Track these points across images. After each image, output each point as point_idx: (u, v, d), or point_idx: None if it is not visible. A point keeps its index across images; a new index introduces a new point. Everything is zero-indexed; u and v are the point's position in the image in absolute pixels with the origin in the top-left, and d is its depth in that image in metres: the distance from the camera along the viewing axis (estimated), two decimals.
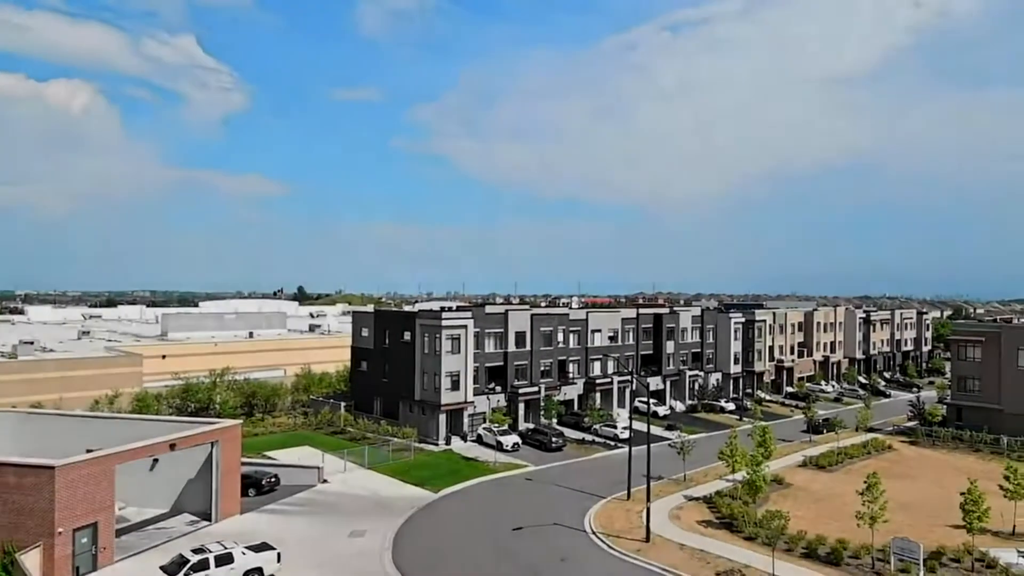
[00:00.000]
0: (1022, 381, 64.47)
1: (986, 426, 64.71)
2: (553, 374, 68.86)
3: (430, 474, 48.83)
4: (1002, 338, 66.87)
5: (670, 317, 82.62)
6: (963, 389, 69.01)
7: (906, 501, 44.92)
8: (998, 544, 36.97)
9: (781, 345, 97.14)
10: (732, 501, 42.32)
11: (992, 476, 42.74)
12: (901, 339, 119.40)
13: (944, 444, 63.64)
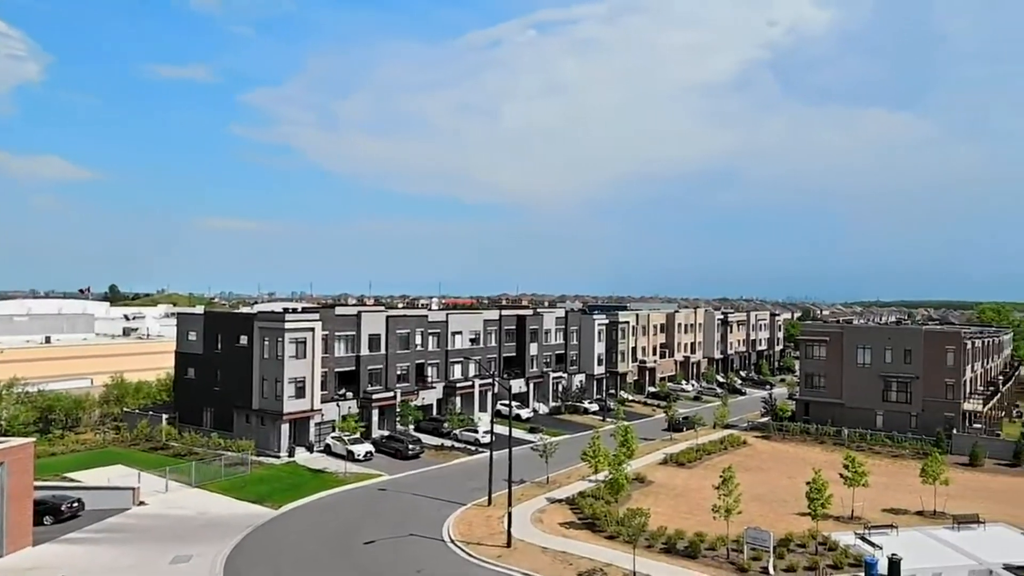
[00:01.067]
0: (861, 377, 73.41)
1: (830, 419, 72.75)
2: (410, 378, 68.80)
3: (270, 489, 46.78)
4: (843, 338, 75.80)
5: (534, 319, 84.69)
6: (810, 386, 77.20)
7: (759, 493, 48.92)
8: (839, 528, 40.97)
9: (644, 346, 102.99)
10: (595, 501, 44.05)
11: (835, 466, 47.50)
12: (756, 339, 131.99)
13: (793, 438, 70.66)
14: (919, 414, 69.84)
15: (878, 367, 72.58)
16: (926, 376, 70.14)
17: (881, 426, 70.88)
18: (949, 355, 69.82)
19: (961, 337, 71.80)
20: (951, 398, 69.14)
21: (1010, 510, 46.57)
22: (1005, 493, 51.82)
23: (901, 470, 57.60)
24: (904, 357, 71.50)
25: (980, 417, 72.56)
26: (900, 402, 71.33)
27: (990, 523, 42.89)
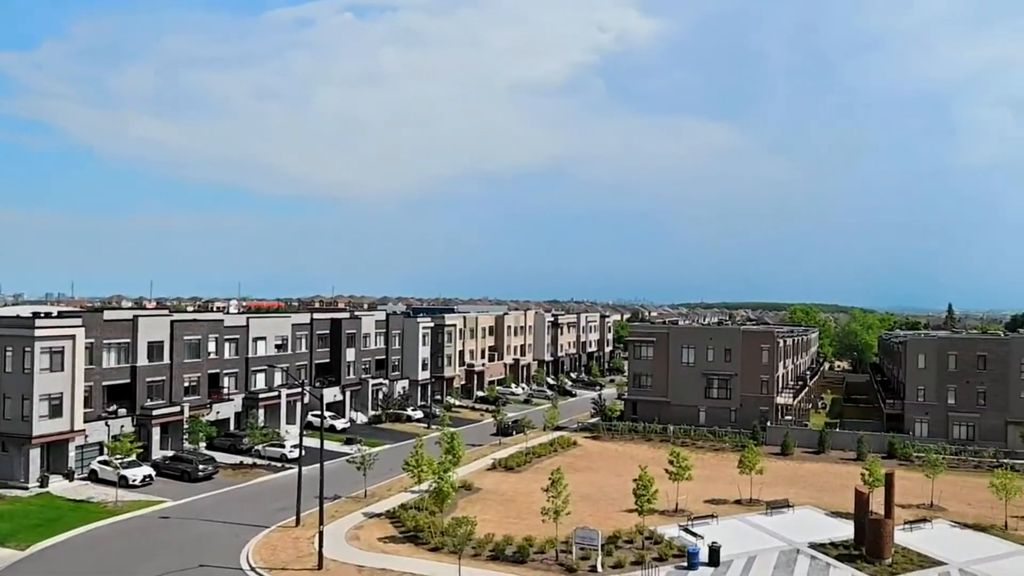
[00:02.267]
0: (685, 376, 79.89)
1: (657, 417, 78.30)
2: (202, 390, 64.46)
3: (13, 527, 41.79)
4: (669, 338, 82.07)
5: (351, 322, 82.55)
6: (638, 385, 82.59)
7: (588, 492, 51.08)
8: (664, 522, 43.93)
9: (472, 349, 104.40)
10: (417, 513, 43.82)
11: (661, 462, 50.19)
12: (586, 341, 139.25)
13: (622, 436, 75.07)
14: (738, 409, 77.51)
15: (701, 366, 79.52)
16: (744, 373, 78.09)
17: (704, 421, 77.65)
18: (764, 353, 78.39)
19: (775, 336, 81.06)
20: (766, 393, 77.64)
21: (815, 493, 52.99)
22: (811, 478, 59.04)
23: (722, 462, 63.24)
24: (725, 356, 79.03)
25: (791, 410, 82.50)
26: (721, 398, 78.65)
27: (799, 506, 48.44)
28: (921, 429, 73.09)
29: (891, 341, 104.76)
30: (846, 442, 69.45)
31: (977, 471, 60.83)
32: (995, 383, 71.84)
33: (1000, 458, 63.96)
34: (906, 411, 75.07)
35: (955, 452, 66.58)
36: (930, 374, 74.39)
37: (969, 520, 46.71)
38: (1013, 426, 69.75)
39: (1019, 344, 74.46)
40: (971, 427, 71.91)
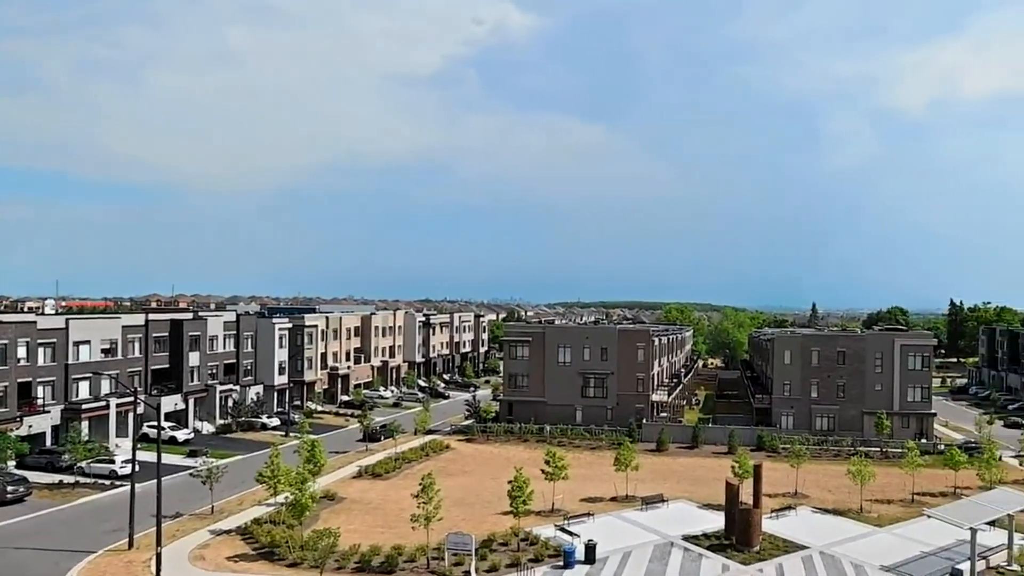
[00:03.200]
0: (561, 375, 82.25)
1: (533, 417, 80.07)
2: (9, 402, 59.98)
3: None
4: (545, 337, 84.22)
5: (194, 324, 78.55)
6: (514, 386, 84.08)
7: (462, 497, 51.58)
8: (541, 522, 45.10)
9: (336, 351, 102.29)
10: (274, 527, 42.47)
11: (537, 462, 51.73)
12: (460, 341, 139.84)
13: (498, 438, 76.08)
14: (614, 407, 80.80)
15: (578, 365, 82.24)
16: (620, 371, 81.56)
17: (581, 421, 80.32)
18: (640, 352, 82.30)
19: (650, 335, 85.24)
20: (642, 391, 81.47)
21: (689, 487, 56.25)
22: (685, 472, 62.56)
23: (598, 460, 65.52)
24: (601, 355, 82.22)
25: (666, 406, 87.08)
26: (598, 397, 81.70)
27: (673, 500, 51.23)
28: (787, 422, 79.56)
29: (760, 339, 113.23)
30: (718, 436, 74.29)
31: (837, 459, 66.83)
32: (853, 377, 79.60)
33: (857, 446, 70.67)
34: (773, 405, 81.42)
35: (818, 442, 73.07)
36: (795, 370, 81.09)
37: (829, 506, 51.44)
38: (868, 416, 77.52)
39: (874, 340, 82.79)
40: (832, 418, 79.28)
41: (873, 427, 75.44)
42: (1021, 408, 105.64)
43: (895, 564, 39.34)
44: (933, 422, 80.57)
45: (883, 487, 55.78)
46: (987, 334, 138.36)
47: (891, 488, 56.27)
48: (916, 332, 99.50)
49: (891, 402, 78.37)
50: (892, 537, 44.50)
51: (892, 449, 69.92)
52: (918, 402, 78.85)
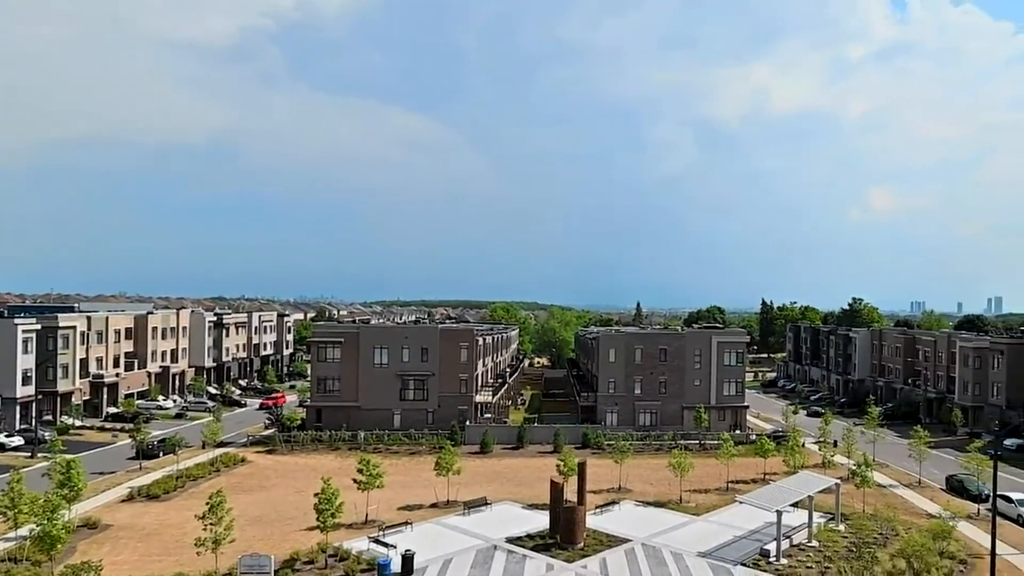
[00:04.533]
0: (377, 378, 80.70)
1: (345, 424, 77.82)
2: None
3: None
4: (360, 338, 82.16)
5: None
6: (323, 390, 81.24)
7: (260, 514, 49.23)
8: (353, 535, 43.98)
9: (101, 356, 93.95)
10: (15, 566, 38.63)
11: (350, 471, 50.55)
12: (260, 343, 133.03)
13: (304, 448, 73.03)
14: (436, 410, 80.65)
15: (396, 366, 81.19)
16: (442, 372, 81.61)
17: (399, 425, 79.31)
18: (463, 351, 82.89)
19: (474, 334, 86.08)
20: (465, 392, 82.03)
21: (514, 488, 57.36)
22: (510, 473, 63.75)
23: (418, 466, 65.11)
24: (422, 355, 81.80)
25: (491, 407, 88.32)
26: (418, 399, 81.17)
27: (497, 503, 52.02)
28: (612, 419, 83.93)
29: (586, 337, 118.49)
30: (544, 436, 76.65)
31: (659, 453, 71.45)
32: (674, 373, 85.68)
33: (677, 440, 76.31)
34: (599, 403, 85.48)
35: (641, 438, 77.71)
36: (619, 367, 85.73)
37: (651, 498, 54.92)
38: (688, 410, 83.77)
39: (693, 338, 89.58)
40: (654, 414, 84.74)
41: (693, 421, 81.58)
42: (821, 399, 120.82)
43: (710, 550, 42.91)
44: (746, 414, 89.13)
45: (701, 477, 60.49)
46: (793, 331, 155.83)
47: (708, 478, 61.23)
48: (731, 330, 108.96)
49: (709, 396, 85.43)
50: (708, 524, 48.42)
51: (709, 441, 76.05)
52: (733, 396, 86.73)
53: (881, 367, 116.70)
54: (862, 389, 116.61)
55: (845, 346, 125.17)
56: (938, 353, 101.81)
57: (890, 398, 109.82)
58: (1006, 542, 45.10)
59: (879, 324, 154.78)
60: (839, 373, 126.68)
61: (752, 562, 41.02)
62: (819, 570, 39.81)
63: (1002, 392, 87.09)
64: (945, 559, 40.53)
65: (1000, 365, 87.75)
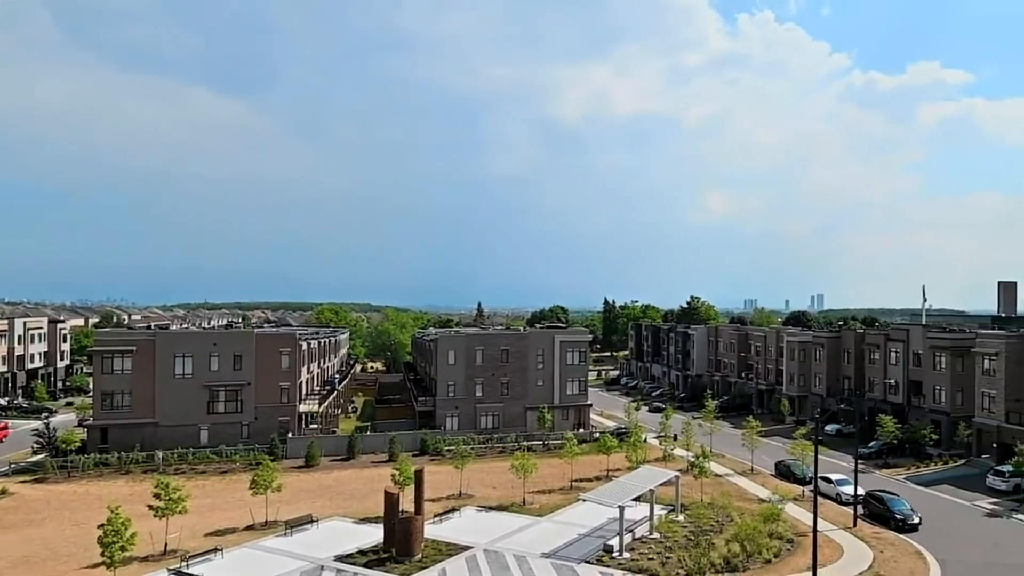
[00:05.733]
0: (179, 391, 74.92)
1: (139, 444, 71.63)
2: None
3: None
4: (156, 345, 75.93)
5: None
6: (110, 406, 74.25)
7: (28, 554, 44.46)
8: (149, 569, 40.77)
9: None
10: None
11: (145, 497, 46.97)
12: (26, 354, 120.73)
13: (86, 473, 66.48)
14: (252, 422, 76.34)
15: (203, 376, 75.96)
16: (259, 382, 77.40)
17: (207, 442, 74.29)
18: (284, 358, 79.20)
19: (296, 339, 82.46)
20: (286, 401, 78.34)
21: (344, 502, 55.52)
22: (340, 487, 61.58)
23: (231, 486, 61.36)
24: (234, 363, 77.15)
25: (317, 417, 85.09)
26: (230, 412, 76.37)
27: (324, 519, 50.08)
28: (452, 423, 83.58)
29: (423, 339, 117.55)
30: (378, 444, 74.98)
31: (502, 456, 72.08)
32: (516, 374, 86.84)
33: (521, 441, 77.55)
34: (437, 407, 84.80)
35: (483, 441, 78.21)
36: (459, 370, 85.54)
37: (494, 503, 55.16)
38: (532, 411, 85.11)
39: (536, 338, 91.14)
40: (497, 416, 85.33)
41: (536, 421, 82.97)
42: (663, 394, 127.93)
43: (554, 550, 43.73)
44: (590, 412, 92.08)
45: (545, 478, 61.67)
46: (635, 329, 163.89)
47: (552, 478, 62.55)
48: (574, 329, 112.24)
49: (552, 396, 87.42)
50: (552, 524, 49.38)
51: (553, 441, 77.86)
52: (576, 395, 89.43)
53: (718, 362, 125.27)
54: (700, 384, 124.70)
55: (684, 343, 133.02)
56: (768, 348, 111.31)
57: (726, 391, 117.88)
58: (826, 519, 49.99)
59: (716, 321, 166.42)
60: (679, 369, 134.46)
61: (596, 559, 42.27)
62: (660, 560, 41.97)
63: (823, 382, 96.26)
64: (774, 539, 44.91)
65: (821, 357, 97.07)
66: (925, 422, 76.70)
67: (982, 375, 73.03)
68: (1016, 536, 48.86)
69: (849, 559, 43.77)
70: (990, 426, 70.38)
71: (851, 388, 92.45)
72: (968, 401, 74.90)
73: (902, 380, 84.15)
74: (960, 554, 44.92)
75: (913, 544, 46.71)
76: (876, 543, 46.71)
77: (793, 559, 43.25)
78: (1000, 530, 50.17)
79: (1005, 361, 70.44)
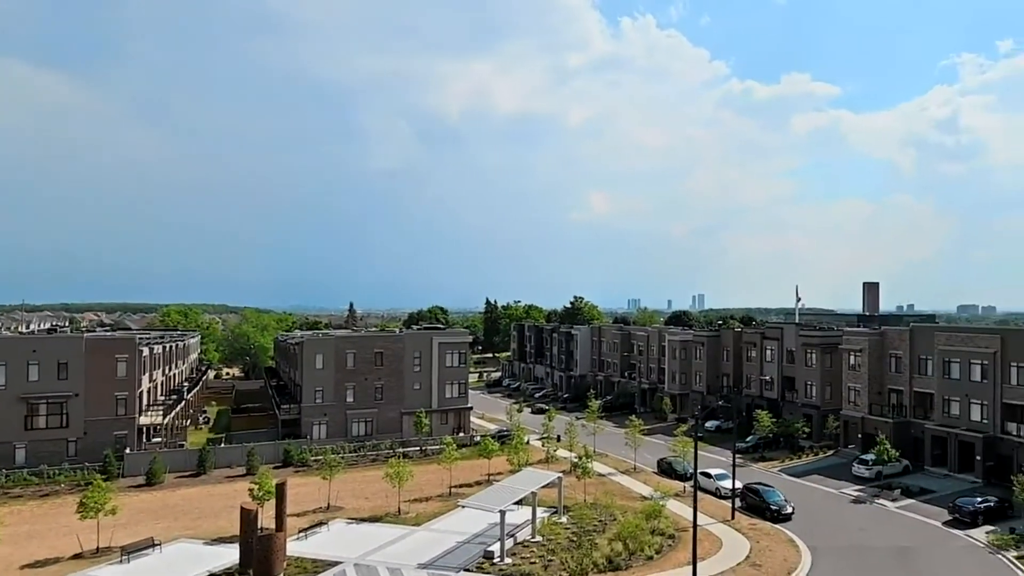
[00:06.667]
0: None
1: None
2: None
3: None
4: None
5: None
6: None
7: None
8: None
9: None
10: None
11: None
12: None
13: None
14: (81, 438, 71.23)
15: (18, 388, 70.01)
16: (89, 392, 72.09)
17: (25, 462, 68.68)
18: (121, 365, 74.34)
19: (135, 344, 77.68)
20: (124, 414, 73.52)
21: (193, 522, 52.75)
22: (188, 505, 58.40)
23: (55, 510, 57.18)
24: (58, 372, 71.74)
25: (161, 430, 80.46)
26: (53, 427, 70.85)
27: (169, 542, 47.38)
28: (320, 431, 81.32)
29: (288, 343, 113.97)
30: (234, 457, 71.89)
31: (375, 464, 70.76)
32: (392, 378, 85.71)
33: (396, 448, 76.47)
34: (303, 415, 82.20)
35: (354, 449, 76.66)
36: (328, 374, 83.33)
37: (366, 514, 54.01)
38: (408, 416, 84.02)
39: (412, 340, 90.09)
40: (370, 422, 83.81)
41: (413, 427, 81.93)
42: (546, 395, 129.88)
43: (432, 559, 43.30)
44: (470, 416, 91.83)
45: (422, 485, 60.93)
46: (518, 330, 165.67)
47: (430, 485, 61.96)
48: (453, 330, 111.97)
49: (430, 400, 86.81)
50: (430, 533, 48.78)
51: (431, 447, 77.41)
52: (456, 398, 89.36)
53: (601, 362, 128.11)
54: (584, 384, 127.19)
55: (567, 343, 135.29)
56: (650, 347, 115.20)
57: (609, 391, 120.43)
58: (706, 513, 52.12)
59: (599, 321, 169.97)
60: (562, 370, 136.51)
61: (476, 566, 42.09)
62: (542, 564, 42.40)
63: (704, 380, 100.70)
64: (656, 536, 46.68)
65: (702, 356, 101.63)
66: (798, 416, 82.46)
67: (848, 370, 79.41)
68: (878, 520, 53.79)
69: (727, 551, 46.29)
70: (855, 418, 76.74)
71: (730, 385, 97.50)
72: (836, 395, 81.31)
73: (777, 376, 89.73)
74: (829, 540, 48.98)
75: (787, 533, 50.33)
76: (753, 534, 49.91)
77: (675, 554, 45.03)
78: (864, 515, 55.32)
79: (868, 357, 76.95)
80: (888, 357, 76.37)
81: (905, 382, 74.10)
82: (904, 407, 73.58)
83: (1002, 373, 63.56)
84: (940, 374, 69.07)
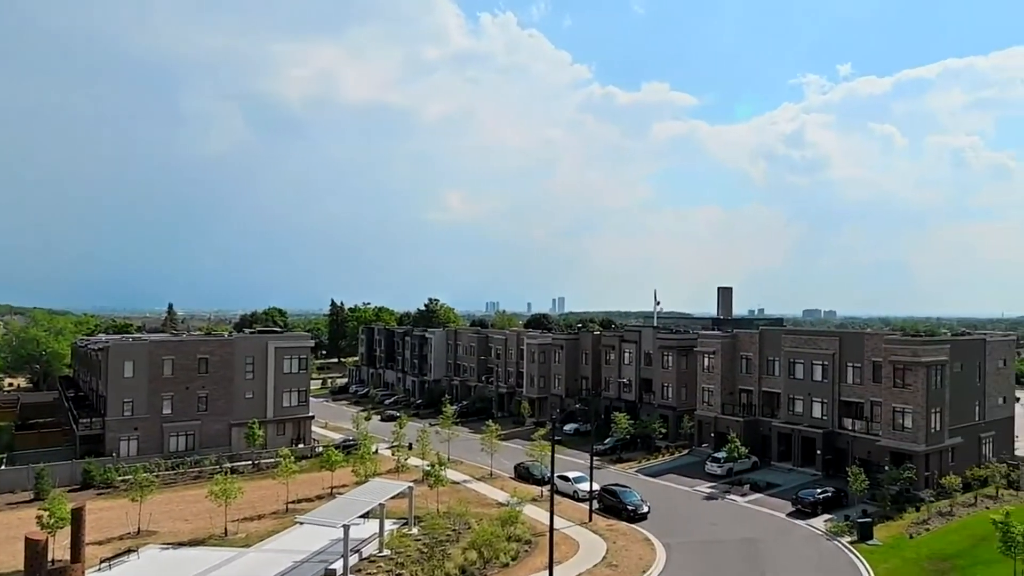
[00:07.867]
0: None
1: None
2: None
3: None
4: None
5: None
6: None
7: None
8: None
9: None
10: None
11: None
12: None
13: None
14: None
15: None
16: None
17: None
18: None
19: None
20: None
21: None
22: None
23: None
24: None
25: None
26: None
27: None
28: (130, 447, 76.63)
29: (89, 349, 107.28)
30: (19, 480, 67.62)
31: (198, 482, 67.75)
32: (219, 386, 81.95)
33: (223, 463, 73.27)
34: (109, 429, 77.22)
35: (172, 466, 73.12)
36: (140, 383, 78.54)
37: (186, 537, 51.47)
38: (238, 428, 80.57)
39: (244, 344, 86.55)
40: (192, 436, 79.64)
41: (244, 439, 78.55)
42: (397, 402, 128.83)
43: None
44: (311, 425, 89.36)
45: (254, 503, 58.95)
46: (367, 333, 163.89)
47: (264, 502, 59.97)
48: (293, 334, 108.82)
49: (265, 410, 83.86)
50: (262, 555, 47.20)
51: (266, 460, 74.96)
52: (295, 406, 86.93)
53: (457, 366, 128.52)
54: (438, 389, 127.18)
55: (421, 347, 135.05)
56: (509, 350, 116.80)
57: (466, 396, 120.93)
58: (563, 517, 54.05)
59: (455, 324, 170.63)
60: (415, 375, 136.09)
61: None
62: None
63: (562, 383, 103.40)
64: (513, 542, 47.69)
65: (560, 359, 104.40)
66: (655, 417, 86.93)
67: (702, 371, 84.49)
68: (729, 515, 58.30)
69: (585, 553, 48.08)
70: (709, 417, 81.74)
71: (589, 388, 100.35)
72: (691, 396, 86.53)
73: (635, 378, 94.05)
74: (683, 536, 52.65)
75: (643, 532, 53.40)
76: (609, 535, 52.40)
77: (531, 559, 46.02)
78: (716, 511, 59.64)
79: (721, 358, 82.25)
80: (739, 359, 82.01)
81: (755, 382, 79.98)
82: (754, 406, 79.33)
83: (840, 373, 71.34)
84: (786, 374, 76.03)
